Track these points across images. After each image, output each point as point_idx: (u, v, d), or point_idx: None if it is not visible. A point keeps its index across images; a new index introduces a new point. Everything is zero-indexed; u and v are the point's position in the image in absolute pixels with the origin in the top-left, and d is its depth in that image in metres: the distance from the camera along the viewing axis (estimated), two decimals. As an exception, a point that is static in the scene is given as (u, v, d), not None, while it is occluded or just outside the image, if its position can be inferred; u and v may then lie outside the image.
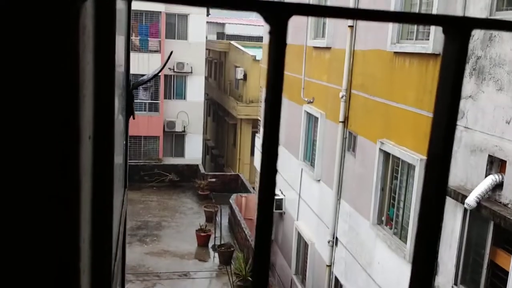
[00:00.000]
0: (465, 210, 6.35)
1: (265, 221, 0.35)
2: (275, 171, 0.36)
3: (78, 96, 0.43)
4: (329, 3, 11.36)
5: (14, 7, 0.38)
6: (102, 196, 0.86)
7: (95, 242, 0.93)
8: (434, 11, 7.23)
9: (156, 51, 25.10)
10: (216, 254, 16.55)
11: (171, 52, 3.95)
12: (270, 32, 0.33)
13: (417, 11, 8.01)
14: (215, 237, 17.28)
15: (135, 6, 23.65)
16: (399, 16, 0.35)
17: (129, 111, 2.10)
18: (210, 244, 17.39)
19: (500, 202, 5.84)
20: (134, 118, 2.17)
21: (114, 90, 0.93)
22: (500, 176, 5.86)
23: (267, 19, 0.32)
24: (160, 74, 25.02)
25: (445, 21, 0.32)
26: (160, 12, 25.09)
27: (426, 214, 0.40)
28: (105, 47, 0.74)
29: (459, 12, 6.67)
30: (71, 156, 0.45)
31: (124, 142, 2.05)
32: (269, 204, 0.36)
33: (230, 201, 19.09)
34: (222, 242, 16.98)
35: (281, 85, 0.33)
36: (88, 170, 0.69)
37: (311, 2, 12.44)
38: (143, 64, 24.12)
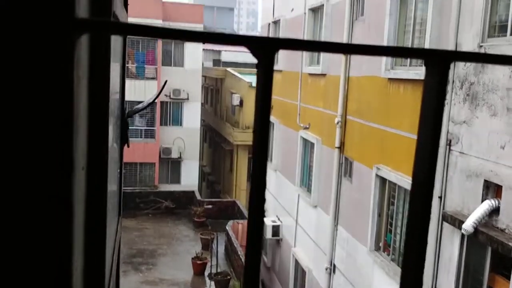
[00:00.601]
0: (463, 235, 6.33)
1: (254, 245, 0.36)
2: (263, 200, 0.37)
3: (71, 128, 0.43)
4: (323, 34, 11.55)
5: (9, 38, 0.40)
6: (95, 226, 0.86)
7: (88, 271, 0.93)
8: (427, 39, 7.36)
9: (152, 78, 25.29)
10: (213, 283, 16.30)
11: (166, 81, 3.98)
12: (257, 65, 0.34)
13: (410, 39, 8.14)
14: (211, 265, 17.06)
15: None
16: (383, 50, 0.36)
17: (123, 139, 2.11)
18: (207, 272, 17.15)
19: (497, 227, 5.82)
20: (128, 146, 2.18)
21: (108, 121, 0.94)
22: (497, 201, 5.86)
23: (254, 53, 0.34)
24: (156, 101, 25.15)
25: (426, 54, 0.33)
26: (157, 39, 25.39)
27: (413, 237, 0.40)
28: (99, 79, 0.76)
29: (451, 40, 6.78)
30: (64, 188, 0.45)
31: (119, 170, 2.05)
32: (258, 228, 0.36)
33: (227, 228, 18.94)
34: (219, 270, 16.76)
35: (268, 117, 0.34)
36: (81, 200, 0.69)
37: (305, 34, 12.65)
38: (140, 91, 24.27)
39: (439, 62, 0.34)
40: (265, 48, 0.33)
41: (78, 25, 0.39)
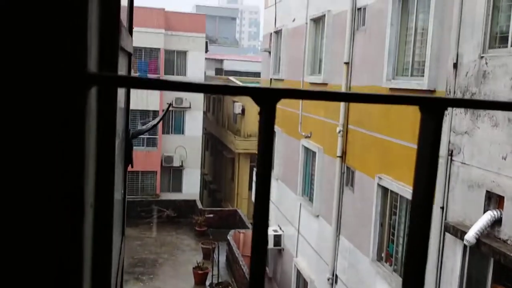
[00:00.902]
0: (465, 246, 6.31)
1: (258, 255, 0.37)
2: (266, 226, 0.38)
3: (83, 171, 0.45)
4: (324, 43, 11.59)
5: (26, 93, 0.42)
6: (101, 259, 0.87)
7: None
8: (428, 49, 7.39)
9: (155, 87, 25.36)
10: (214, 292, 16.23)
11: (169, 105, 3.99)
12: (260, 113, 0.35)
13: (411, 49, 8.18)
14: (212, 275, 16.99)
15: (134, 43, 24.05)
16: (379, 97, 0.38)
17: (127, 160, 2.13)
18: (208, 282, 17.08)
19: (500, 238, 5.80)
20: (132, 167, 2.19)
21: (115, 159, 0.97)
22: (499, 212, 5.85)
23: (257, 102, 0.35)
24: (158, 109, 25.20)
25: (421, 102, 0.35)
26: (159, 48, 25.52)
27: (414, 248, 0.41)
28: (107, 125, 0.78)
29: (452, 50, 6.80)
30: (76, 226, 0.47)
31: (123, 191, 2.06)
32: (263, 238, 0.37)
33: (228, 237, 18.88)
34: (220, 280, 16.69)
35: (270, 161, 0.35)
36: (88, 238, 0.70)
37: (307, 44, 12.70)
38: (142, 100, 24.37)
39: (434, 109, 0.35)
40: (267, 99, 0.34)
41: (88, 79, 0.41)
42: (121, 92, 1.79)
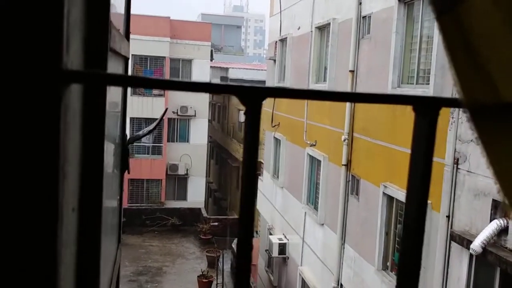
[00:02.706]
0: (471, 255, 6.24)
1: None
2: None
3: (57, 170, 0.44)
4: (329, 51, 11.61)
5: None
6: (88, 265, 0.86)
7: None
8: (434, 57, 7.37)
9: (160, 95, 25.48)
10: (218, 301, 16.16)
11: (166, 109, 4.03)
12: (245, 112, 0.34)
13: (416, 57, 8.16)
14: (217, 284, 16.92)
15: (140, 51, 24.22)
16: (373, 97, 0.36)
17: (124, 167, 2.12)
18: (212, 290, 17.01)
19: (506, 248, 5.74)
20: (129, 173, 2.18)
21: (103, 166, 0.96)
22: (505, 221, 5.79)
23: (243, 102, 0.34)
24: (164, 118, 25.27)
25: (414, 101, 0.33)
26: (165, 57, 25.65)
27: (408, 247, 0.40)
28: (93, 127, 0.77)
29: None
30: (49, 230, 0.46)
31: (119, 197, 2.05)
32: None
33: (233, 245, 18.82)
34: (225, 288, 16.62)
35: (256, 157, 0.34)
36: (70, 242, 0.69)
37: (312, 52, 12.71)
38: (147, 108, 24.45)
39: (428, 108, 0.34)
40: (253, 98, 0.33)
41: (65, 76, 0.40)
42: (116, 95, 1.79)
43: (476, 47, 0.31)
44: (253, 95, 0.33)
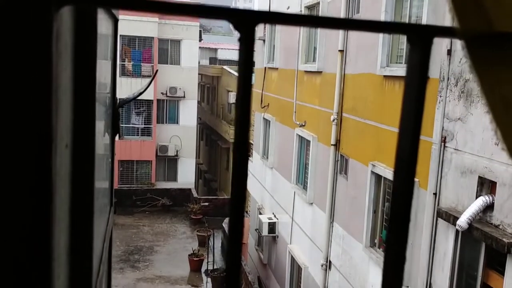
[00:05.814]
0: (457, 231, 6.36)
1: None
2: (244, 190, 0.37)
3: (50, 98, 0.43)
4: (319, 31, 11.54)
5: None
6: (81, 206, 0.86)
7: (74, 252, 0.92)
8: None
9: (149, 76, 25.24)
10: (209, 279, 16.33)
11: (157, 70, 4.01)
12: (239, 39, 0.34)
13: (405, 38, 8.15)
14: (207, 262, 17.08)
15: (128, 31, 23.89)
16: (363, 24, 0.36)
17: (115, 130, 2.11)
18: (203, 269, 17.17)
19: (491, 223, 5.85)
20: (120, 137, 2.18)
21: (95, 99, 0.94)
22: (491, 198, 5.89)
23: (235, 27, 0.34)
24: (149, 96, 25.09)
25: (408, 29, 0.34)
26: (153, 37, 25.34)
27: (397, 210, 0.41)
28: (85, 57, 0.76)
29: (448, 24, 6.79)
30: (43, 165, 0.45)
31: (110, 160, 2.04)
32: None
33: (223, 225, 18.96)
34: (215, 267, 16.78)
35: (250, 90, 0.34)
36: (65, 177, 0.69)
37: (301, 32, 12.64)
38: (136, 89, 24.19)
39: (422, 37, 0.34)
40: (246, 22, 0.33)
41: None
42: (106, 64, 1.77)
43: None
44: (246, 19, 0.33)
